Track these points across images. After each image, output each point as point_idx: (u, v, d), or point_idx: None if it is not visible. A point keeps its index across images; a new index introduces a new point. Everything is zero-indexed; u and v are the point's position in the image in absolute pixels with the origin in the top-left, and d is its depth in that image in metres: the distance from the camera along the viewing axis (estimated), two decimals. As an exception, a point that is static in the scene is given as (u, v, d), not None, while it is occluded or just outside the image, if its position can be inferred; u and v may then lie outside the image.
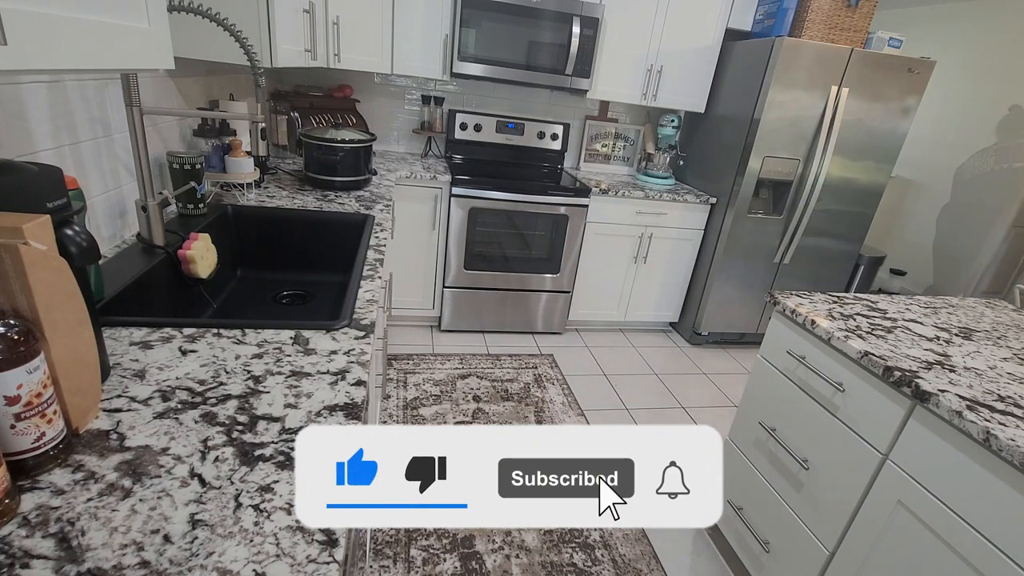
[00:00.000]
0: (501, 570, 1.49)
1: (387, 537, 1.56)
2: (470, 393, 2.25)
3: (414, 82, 2.87)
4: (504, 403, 2.21)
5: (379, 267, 1.28)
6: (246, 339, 0.88)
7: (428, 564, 1.49)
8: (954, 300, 1.55)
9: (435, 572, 1.47)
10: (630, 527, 1.60)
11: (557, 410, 2.23)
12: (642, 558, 1.60)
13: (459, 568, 1.48)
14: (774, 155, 2.54)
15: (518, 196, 2.53)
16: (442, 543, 1.56)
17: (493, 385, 2.32)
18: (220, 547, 0.51)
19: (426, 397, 2.20)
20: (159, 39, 0.74)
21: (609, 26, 2.59)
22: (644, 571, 1.56)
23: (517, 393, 2.28)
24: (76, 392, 0.62)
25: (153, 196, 1.20)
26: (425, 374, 2.37)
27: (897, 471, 1.07)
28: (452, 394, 2.23)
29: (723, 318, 2.91)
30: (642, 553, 1.61)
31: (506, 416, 2.14)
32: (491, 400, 2.21)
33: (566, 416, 2.21)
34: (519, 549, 1.56)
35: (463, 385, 2.30)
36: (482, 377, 2.38)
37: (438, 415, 2.10)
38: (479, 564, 1.50)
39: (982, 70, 3.43)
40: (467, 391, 2.26)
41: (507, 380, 2.38)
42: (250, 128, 1.59)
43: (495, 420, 2.10)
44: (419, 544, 1.55)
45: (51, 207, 0.62)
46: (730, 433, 1.60)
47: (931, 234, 3.70)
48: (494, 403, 2.20)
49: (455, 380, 2.34)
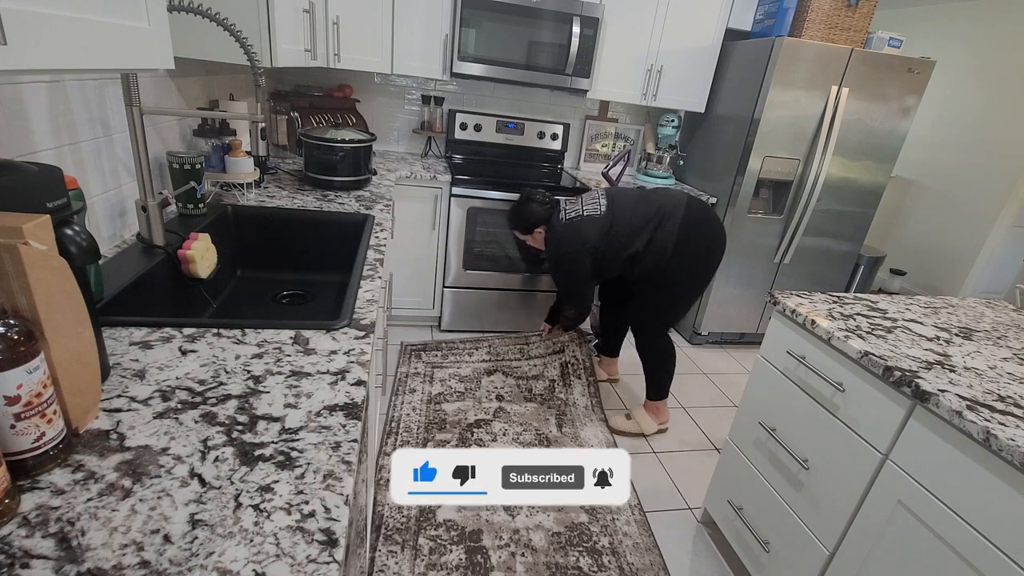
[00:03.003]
0: (505, 566, 1.49)
1: (397, 524, 1.57)
2: (494, 392, 2.28)
3: (414, 82, 2.87)
4: (526, 404, 2.23)
5: (379, 267, 1.28)
6: (246, 339, 0.88)
7: (434, 554, 1.50)
8: (954, 300, 1.55)
9: (440, 562, 1.47)
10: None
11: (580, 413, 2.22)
12: (650, 568, 1.56)
13: (464, 560, 1.49)
14: (774, 155, 2.54)
15: (518, 196, 2.53)
16: (450, 535, 1.56)
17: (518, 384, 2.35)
18: (220, 547, 0.51)
19: (450, 393, 2.24)
20: (159, 39, 0.74)
21: (609, 26, 2.59)
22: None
23: (541, 394, 2.29)
24: (76, 392, 0.62)
25: (153, 196, 1.20)
26: (452, 368, 2.41)
27: (897, 471, 1.07)
28: (476, 392, 2.27)
29: (723, 318, 2.91)
30: (651, 563, 1.57)
31: (527, 417, 2.17)
32: (514, 400, 2.24)
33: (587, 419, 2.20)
34: (526, 548, 1.56)
35: (487, 383, 2.33)
36: (508, 374, 2.40)
37: (460, 411, 2.14)
38: (484, 558, 1.50)
39: (982, 70, 3.43)
40: (491, 389, 2.29)
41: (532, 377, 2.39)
42: (250, 128, 1.59)
43: (516, 420, 2.13)
44: (427, 534, 1.56)
45: (51, 207, 0.62)
46: (730, 433, 1.60)
47: (931, 234, 3.70)
48: (516, 403, 2.22)
49: (480, 377, 2.36)
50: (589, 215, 1.92)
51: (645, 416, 2.17)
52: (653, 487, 1.90)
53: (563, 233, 1.95)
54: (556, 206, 2.03)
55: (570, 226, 1.94)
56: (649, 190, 2.06)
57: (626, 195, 1.99)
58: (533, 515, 1.66)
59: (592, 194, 2.02)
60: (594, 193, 2.02)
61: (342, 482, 0.60)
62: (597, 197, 1.98)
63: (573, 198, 2.05)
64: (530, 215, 2.03)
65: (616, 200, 1.95)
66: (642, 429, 2.16)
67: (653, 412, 2.17)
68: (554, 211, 2.02)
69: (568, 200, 2.05)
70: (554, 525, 1.64)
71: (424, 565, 1.46)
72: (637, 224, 1.89)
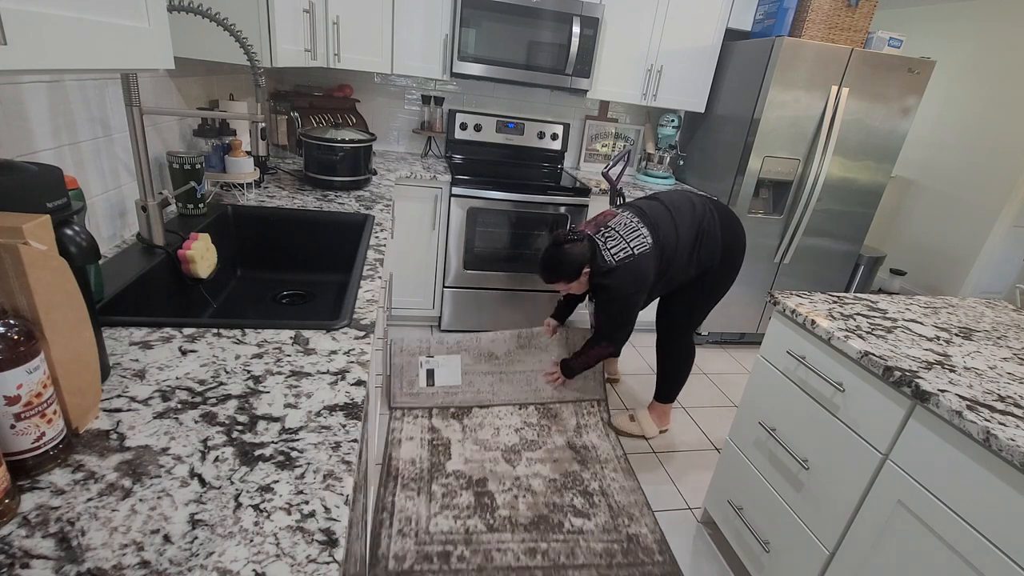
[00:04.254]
0: (510, 506, 1.73)
1: (412, 475, 1.81)
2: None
3: (414, 82, 2.87)
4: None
5: (379, 267, 1.28)
6: (246, 339, 0.88)
7: (447, 497, 1.73)
8: (954, 300, 1.55)
9: (452, 503, 1.71)
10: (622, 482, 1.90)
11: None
12: (635, 505, 1.80)
13: (473, 502, 1.73)
14: (774, 155, 2.54)
15: (518, 196, 2.53)
16: (459, 482, 1.80)
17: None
18: (220, 547, 0.51)
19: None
20: (159, 39, 0.74)
21: (609, 26, 2.59)
22: (636, 515, 1.75)
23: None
24: (76, 392, 0.62)
25: (153, 196, 1.20)
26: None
27: (897, 471, 1.07)
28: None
29: (723, 318, 2.91)
30: (635, 501, 1.82)
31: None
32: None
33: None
34: (526, 491, 1.79)
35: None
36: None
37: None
38: (490, 500, 1.75)
39: (982, 70, 3.43)
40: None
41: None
42: (250, 128, 1.59)
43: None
44: (439, 481, 1.79)
45: (51, 207, 0.62)
46: (730, 433, 1.60)
47: (931, 234, 3.70)
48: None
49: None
50: (641, 252, 1.74)
51: (648, 419, 2.16)
52: (653, 487, 1.90)
53: (623, 277, 1.74)
54: (587, 237, 1.81)
55: (627, 269, 1.74)
56: (676, 202, 1.88)
57: (660, 216, 1.81)
58: (531, 465, 1.92)
59: (630, 224, 1.79)
60: (630, 222, 1.80)
61: (342, 482, 0.60)
62: (637, 228, 1.78)
63: (604, 230, 1.81)
64: (573, 259, 1.75)
65: (659, 227, 1.79)
66: (644, 431, 2.15)
67: (657, 415, 2.17)
68: (591, 243, 1.80)
69: (601, 234, 1.81)
70: (550, 473, 1.89)
71: (439, 506, 1.69)
72: (684, 252, 1.80)
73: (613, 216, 1.86)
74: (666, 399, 2.15)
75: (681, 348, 2.07)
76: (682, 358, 2.08)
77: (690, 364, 2.09)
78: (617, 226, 1.81)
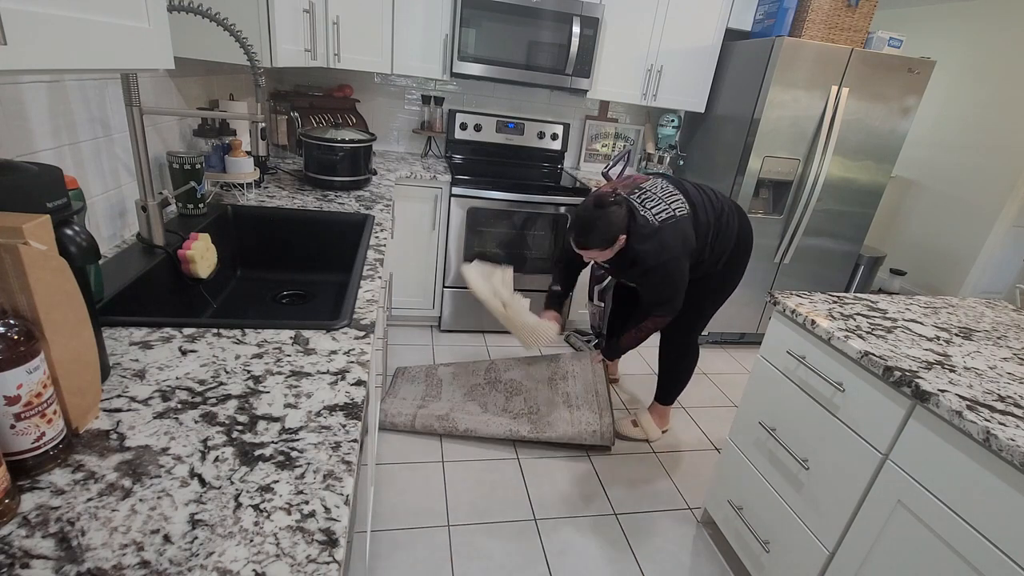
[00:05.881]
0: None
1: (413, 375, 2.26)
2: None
3: (414, 82, 2.87)
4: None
5: (379, 267, 1.28)
6: (246, 339, 0.88)
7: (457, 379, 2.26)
8: (954, 300, 1.55)
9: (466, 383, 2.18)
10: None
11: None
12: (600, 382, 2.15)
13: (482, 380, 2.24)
14: (774, 155, 2.54)
15: (518, 196, 2.53)
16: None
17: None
18: (220, 547, 0.51)
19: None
20: (159, 39, 0.74)
21: (609, 26, 2.59)
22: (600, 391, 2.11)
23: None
24: (76, 392, 0.62)
25: (153, 196, 1.20)
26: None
27: (897, 471, 1.07)
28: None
29: (723, 318, 2.91)
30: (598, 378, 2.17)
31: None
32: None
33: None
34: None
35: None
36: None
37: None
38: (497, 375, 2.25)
39: (982, 70, 3.43)
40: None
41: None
42: (250, 128, 1.59)
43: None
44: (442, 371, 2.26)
45: (51, 207, 0.62)
46: (730, 433, 1.60)
47: (931, 234, 3.70)
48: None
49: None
50: (682, 216, 1.69)
51: (651, 422, 2.16)
52: (653, 487, 1.90)
53: (666, 238, 1.64)
54: (625, 200, 1.70)
55: (673, 228, 1.66)
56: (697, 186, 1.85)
57: (690, 190, 1.79)
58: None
59: (666, 188, 1.76)
60: (666, 187, 1.76)
61: (342, 482, 0.60)
62: (675, 192, 1.75)
63: (639, 192, 1.75)
64: (613, 222, 1.61)
65: (692, 199, 1.75)
66: (648, 435, 2.15)
67: (657, 416, 2.17)
68: (629, 206, 1.70)
69: (636, 195, 1.74)
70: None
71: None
72: (705, 235, 1.75)
73: (645, 179, 1.79)
74: (666, 400, 2.15)
75: (685, 349, 2.06)
76: (686, 359, 2.07)
77: (693, 366, 2.08)
78: (654, 188, 1.74)
